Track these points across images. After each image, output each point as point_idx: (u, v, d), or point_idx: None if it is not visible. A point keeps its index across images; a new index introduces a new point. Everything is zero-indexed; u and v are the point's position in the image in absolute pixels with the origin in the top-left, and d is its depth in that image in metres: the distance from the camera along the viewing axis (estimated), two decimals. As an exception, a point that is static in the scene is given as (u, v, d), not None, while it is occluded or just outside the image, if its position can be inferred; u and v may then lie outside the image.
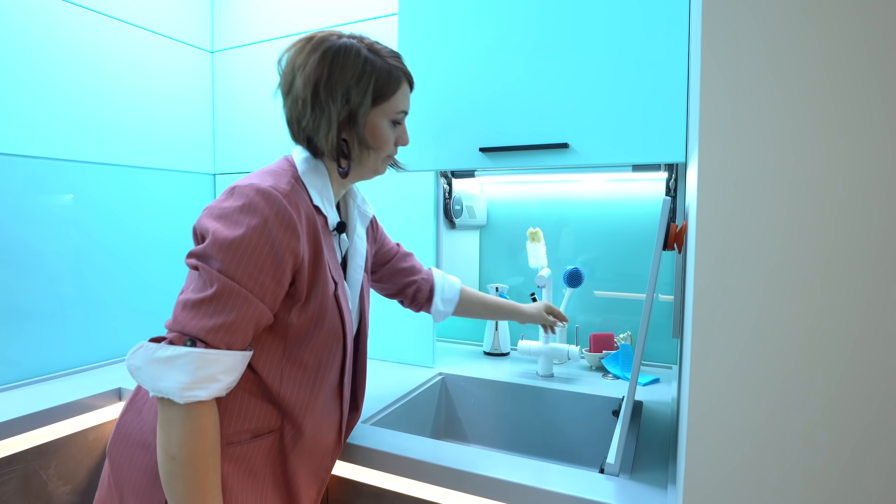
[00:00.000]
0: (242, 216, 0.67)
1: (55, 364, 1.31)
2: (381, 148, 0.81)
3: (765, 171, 0.44)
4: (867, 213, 0.41)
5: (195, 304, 0.65)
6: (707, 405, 0.47)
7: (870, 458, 0.42)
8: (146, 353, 0.64)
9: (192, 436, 0.64)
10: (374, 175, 0.85)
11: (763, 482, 0.45)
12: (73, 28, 1.33)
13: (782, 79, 0.43)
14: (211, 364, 0.64)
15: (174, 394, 0.63)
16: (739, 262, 0.45)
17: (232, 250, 0.66)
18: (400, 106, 0.81)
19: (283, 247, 0.69)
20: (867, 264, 0.41)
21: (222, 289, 0.65)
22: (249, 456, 0.74)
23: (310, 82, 0.74)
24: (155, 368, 0.63)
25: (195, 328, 0.65)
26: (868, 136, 0.40)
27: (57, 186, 1.31)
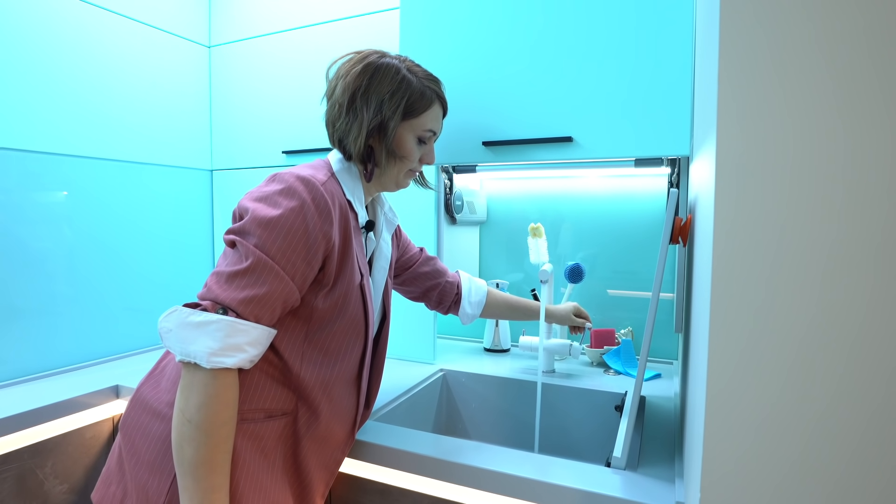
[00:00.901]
0: (281, 198, 0.72)
1: (50, 362, 1.29)
2: (405, 159, 0.85)
3: (782, 162, 0.43)
4: (888, 202, 0.41)
5: (230, 275, 0.69)
6: (725, 395, 0.47)
7: (884, 437, 0.42)
8: (179, 316, 0.67)
9: (212, 401, 0.66)
10: (397, 187, 0.90)
11: (780, 472, 0.45)
12: (68, 21, 1.31)
13: (800, 68, 0.42)
14: (240, 333, 0.67)
15: (202, 358, 0.65)
16: (756, 250, 0.45)
17: (269, 228, 0.70)
18: (428, 125, 0.86)
19: (317, 230, 0.72)
20: (887, 253, 0.41)
21: (256, 262, 0.69)
22: (262, 435, 0.75)
23: (348, 90, 0.81)
24: (186, 332, 0.66)
25: (228, 297, 0.67)
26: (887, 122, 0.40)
27: (51, 182, 1.29)
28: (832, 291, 0.43)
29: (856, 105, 0.41)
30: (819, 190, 0.43)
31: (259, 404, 0.76)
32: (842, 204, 0.42)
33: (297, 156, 1.48)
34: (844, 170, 0.42)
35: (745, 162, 0.45)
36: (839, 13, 0.41)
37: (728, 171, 0.46)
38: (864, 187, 0.41)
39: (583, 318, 1.25)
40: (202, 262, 1.72)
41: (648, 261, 1.43)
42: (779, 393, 0.45)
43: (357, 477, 0.93)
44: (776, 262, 0.44)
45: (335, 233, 0.75)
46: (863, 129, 0.41)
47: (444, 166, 1.35)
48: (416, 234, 1.34)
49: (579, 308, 1.25)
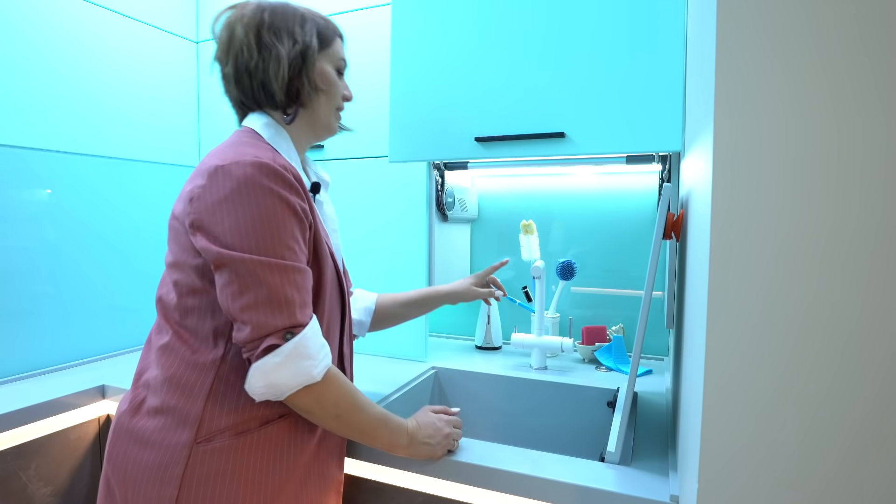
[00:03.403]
0: (246, 195, 0.66)
1: (33, 362, 1.26)
2: (330, 90, 0.81)
3: (779, 155, 0.44)
4: (884, 196, 0.41)
5: (263, 302, 0.65)
6: (722, 387, 0.47)
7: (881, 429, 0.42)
8: (262, 370, 0.65)
9: (341, 391, 0.71)
10: (328, 132, 0.86)
11: (777, 462, 0.45)
12: (52, 15, 1.28)
13: (797, 62, 0.43)
14: (314, 337, 0.68)
15: (315, 376, 0.67)
16: (753, 243, 0.45)
17: (257, 234, 0.66)
18: (341, 53, 0.84)
19: (297, 206, 0.70)
20: (877, 243, 0.41)
21: (276, 276, 0.66)
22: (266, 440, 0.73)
23: (251, 28, 0.76)
24: (281, 375, 0.66)
25: (284, 322, 0.66)
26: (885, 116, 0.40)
27: (34, 179, 1.26)
28: (829, 284, 0.43)
29: (852, 97, 0.42)
30: (816, 182, 0.43)
31: (252, 412, 0.72)
32: (838, 196, 0.42)
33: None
34: (841, 162, 0.42)
35: (742, 154, 0.45)
36: (836, 5, 0.42)
37: (725, 164, 0.46)
38: (861, 179, 0.42)
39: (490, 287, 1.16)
40: (190, 260, 1.69)
41: (639, 258, 1.43)
42: (776, 385, 0.45)
43: (351, 475, 0.92)
44: (773, 255, 0.44)
45: (306, 204, 0.72)
46: (859, 121, 0.41)
47: (436, 163, 1.35)
48: (407, 231, 1.34)
49: (483, 277, 1.15)
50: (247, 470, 0.70)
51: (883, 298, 0.41)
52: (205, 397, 0.70)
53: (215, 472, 0.68)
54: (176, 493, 0.67)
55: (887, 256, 0.41)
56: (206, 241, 0.66)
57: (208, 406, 0.70)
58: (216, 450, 0.69)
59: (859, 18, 0.41)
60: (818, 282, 0.43)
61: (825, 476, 0.44)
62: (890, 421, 0.42)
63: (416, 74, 1.13)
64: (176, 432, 0.69)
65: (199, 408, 0.69)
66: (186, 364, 0.71)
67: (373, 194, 1.38)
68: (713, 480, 0.48)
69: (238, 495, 0.69)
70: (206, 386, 0.70)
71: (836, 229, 0.42)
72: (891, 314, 0.41)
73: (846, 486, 0.43)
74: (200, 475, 0.68)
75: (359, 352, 1.43)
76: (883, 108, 0.41)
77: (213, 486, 0.68)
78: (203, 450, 0.68)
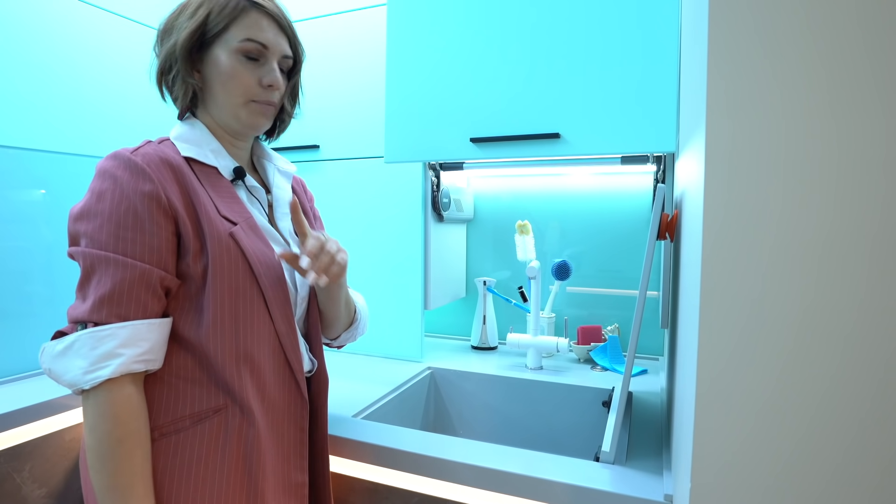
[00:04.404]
0: (94, 185, 0.68)
1: (27, 364, 1.26)
2: (230, 82, 0.74)
3: (771, 156, 0.44)
4: (871, 196, 0.41)
5: (77, 290, 0.65)
6: (714, 386, 0.47)
7: (875, 435, 0.42)
8: (48, 352, 0.64)
9: (99, 421, 0.62)
10: (242, 125, 0.77)
11: (770, 461, 0.45)
12: (41, 12, 1.27)
13: (787, 63, 0.43)
14: (105, 340, 0.62)
15: (79, 381, 0.62)
16: (746, 244, 0.45)
17: (88, 219, 0.65)
18: (244, 34, 0.73)
19: (137, 195, 0.66)
20: (869, 244, 0.41)
21: (90, 262, 0.64)
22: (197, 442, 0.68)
23: (158, 33, 0.78)
24: (58, 363, 0.63)
25: (80, 312, 0.63)
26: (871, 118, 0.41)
27: (27, 179, 1.26)
28: (821, 285, 0.43)
29: (844, 99, 0.42)
30: (807, 183, 0.43)
31: (181, 411, 0.68)
32: (830, 197, 0.42)
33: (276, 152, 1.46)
34: (832, 163, 0.42)
35: (734, 155, 0.45)
36: (825, 8, 0.42)
37: (717, 165, 0.46)
38: (852, 181, 0.42)
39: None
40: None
41: (634, 258, 1.44)
42: (768, 385, 0.45)
43: (345, 476, 0.92)
44: (765, 255, 0.45)
45: (162, 190, 0.67)
46: (851, 122, 0.42)
47: (432, 164, 1.35)
48: (403, 232, 1.34)
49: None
50: (178, 473, 0.66)
51: (875, 299, 0.42)
52: None
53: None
54: None
55: (879, 257, 0.41)
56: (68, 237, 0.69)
57: None
58: None
59: (848, 21, 0.41)
60: (809, 283, 0.43)
61: (818, 476, 0.44)
62: (884, 420, 0.42)
63: (412, 75, 1.13)
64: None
65: None
66: None
67: (368, 195, 1.38)
68: (706, 479, 0.48)
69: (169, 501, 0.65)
70: None
71: (827, 230, 0.43)
72: (884, 315, 0.42)
73: (839, 486, 0.44)
74: None
75: (354, 352, 1.43)
76: (875, 109, 0.41)
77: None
78: None
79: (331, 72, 1.40)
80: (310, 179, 1.44)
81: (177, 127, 0.79)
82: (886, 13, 0.40)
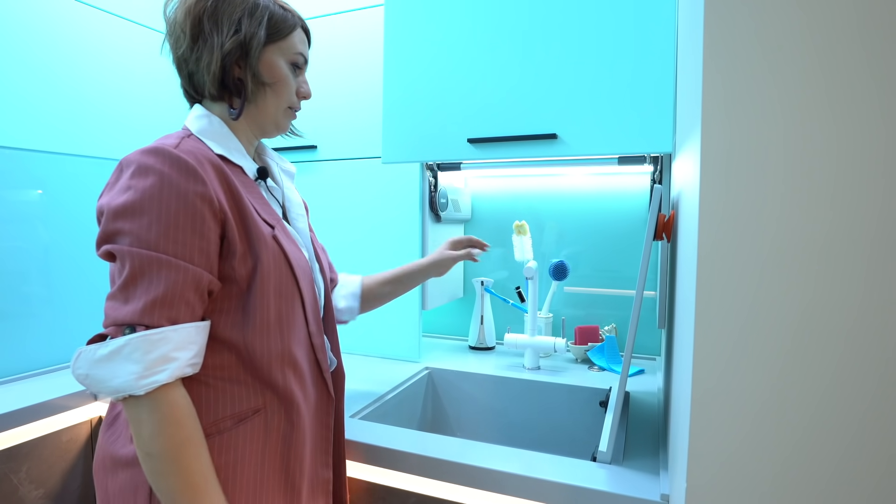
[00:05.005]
0: (135, 181, 0.62)
1: (24, 364, 1.26)
2: (279, 87, 0.76)
3: (766, 156, 0.44)
4: (866, 197, 0.41)
5: (120, 290, 0.61)
6: (710, 386, 0.47)
7: (871, 435, 0.42)
8: (87, 357, 0.60)
9: (163, 426, 0.60)
10: (276, 129, 0.80)
11: (766, 462, 0.46)
12: (40, 13, 1.27)
13: (782, 63, 0.43)
14: (159, 345, 0.60)
15: (132, 387, 0.59)
16: (741, 245, 0.45)
17: (134, 217, 0.61)
18: (298, 47, 0.77)
19: (192, 195, 0.63)
20: (865, 247, 0.42)
21: (140, 263, 0.60)
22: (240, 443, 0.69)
23: (191, 13, 0.71)
24: (102, 369, 0.59)
25: (127, 314, 0.60)
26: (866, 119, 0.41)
27: (24, 179, 1.25)
28: (817, 285, 0.43)
29: (840, 100, 0.42)
30: (802, 185, 0.43)
31: (222, 412, 0.68)
32: (824, 198, 0.43)
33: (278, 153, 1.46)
34: (830, 163, 0.42)
35: (729, 156, 0.45)
36: (820, 11, 0.42)
37: (712, 166, 0.46)
38: (847, 181, 0.42)
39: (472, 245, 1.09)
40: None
41: (632, 258, 1.44)
42: (764, 386, 0.45)
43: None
44: (760, 256, 0.45)
45: (214, 192, 0.66)
46: (846, 123, 0.42)
47: (429, 164, 1.35)
48: (400, 232, 1.34)
49: (457, 242, 1.08)
50: (223, 474, 0.67)
51: (871, 299, 0.42)
52: None
53: None
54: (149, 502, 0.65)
55: (876, 257, 0.42)
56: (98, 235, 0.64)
57: None
58: None
59: (841, 23, 0.42)
60: (805, 283, 0.44)
61: (814, 478, 0.44)
62: (883, 422, 0.42)
63: (410, 76, 1.13)
64: None
65: None
66: None
67: (366, 195, 1.38)
68: (702, 480, 0.48)
69: None
70: None
71: (821, 231, 0.43)
72: (881, 315, 0.42)
73: (836, 488, 0.44)
74: None
75: (351, 352, 1.43)
76: (872, 108, 0.41)
77: None
78: None
79: (328, 72, 1.40)
80: (307, 180, 1.44)
81: (193, 120, 0.74)
82: (884, 11, 0.40)
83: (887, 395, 0.42)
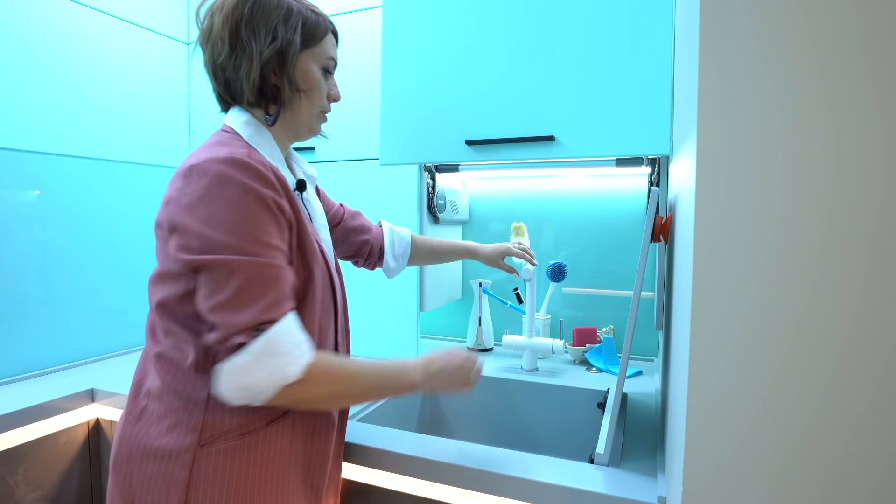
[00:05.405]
0: (218, 191, 0.64)
1: (21, 365, 1.25)
2: (313, 91, 0.78)
3: (762, 159, 0.44)
4: (863, 200, 0.41)
5: (231, 299, 0.63)
6: (706, 390, 0.47)
7: (867, 441, 0.43)
8: (232, 371, 0.62)
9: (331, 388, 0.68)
10: (310, 133, 0.83)
11: (763, 466, 0.46)
12: (40, 15, 1.27)
13: (779, 67, 0.43)
14: (291, 332, 0.65)
15: (287, 377, 0.63)
16: (738, 248, 0.45)
17: (227, 229, 0.63)
18: (330, 52, 0.79)
19: (272, 202, 0.67)
20: (863, 250, 0.42)
21: (248, 271, 0.63)
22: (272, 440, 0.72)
23: (228, 21, 0.72)
24: (252, 375, 0.62)
25: (250, 318, 0.62)
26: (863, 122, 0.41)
27: (22, 180, 1.25)
28: (812, 289, 0.43)
29: (835, 104, 0.42)
30: (798, 188, 0.43)
31: (257, 410, 0.70)
32: (820, 201, 0.43)
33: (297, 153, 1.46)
34: (826, 167, 0.42)
35: (725, 158, 0.45)
36: (815, 14, 0.42)
37: (708, 168, 0.46)
38: (844, 185, 0.42)
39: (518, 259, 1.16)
40: (180, 262, 1.68)
41: (630, 259, 1.44)
42: (759, 390, 0.45)
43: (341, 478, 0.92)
44: (756, 259, 0.45)
45: (284, 202, 0.69)
46: (842, 126, 0.42)
47: (427, 165, 1.35)
48: (399, 233, 1.34)
49: (512, 250, 1.15)
50: (254, 470, 0.70)
51: (867, 303, 0.42)
52: (205, 402, 0.69)
53: (221, 473, 0.68)
54: (184, 497, 0.67)
55: (874, 261, 0.42)
56: (179, 245, 0.65)
57: (209, 410, 0.69)
58: (221, 452, 0.68)
59: (837, 26, 0.42)
60: (801, 287, 0.44)
61: (810, 483, 0.44)
62: (880, 428, 0.42)
63: (407, 78, 1.13)
64: (179, 437, 0.68)
65: (200, 412, 0.69)
66: (184, 371, 0.70)
67: (364, 196, 1.37)
68: (698, 484, 0.48)
69: (251, 494, 0.69)
70: (205, 390, 0.69)
71: (818, 234, 0.43)
72: (879, 320, 0.42)
73: (832, 494, 0.44)
74: (207, 477, 0.68)
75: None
76: (871, 110, 0.41)
77: (221, 487, 0.68)
78: (208, 452, 0.68)
79: (326, 74, 1.40)
80: (305, 181, 1.44)
81: (241, 126, 0.75)
82: (884, 13, 0.40)
83: (885, 396, 0.42)
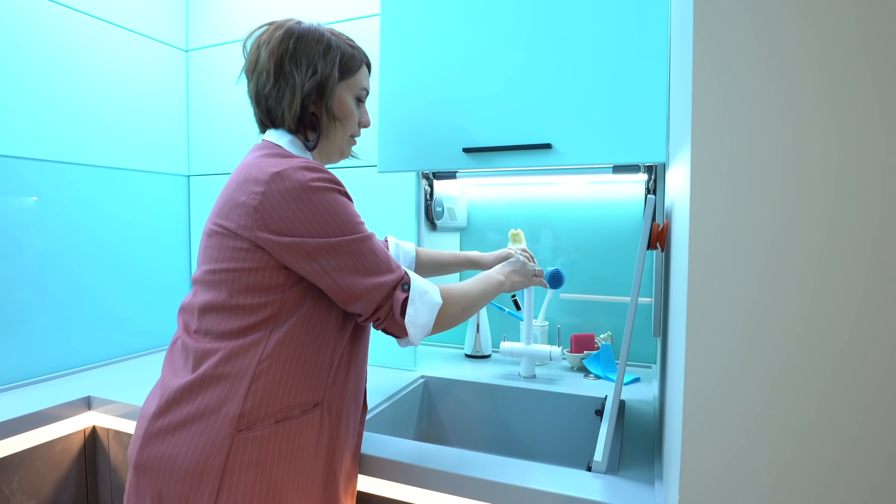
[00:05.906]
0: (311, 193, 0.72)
1: (17, 373, 1.25)
2: (347, 120, 0.86)
3: (757, 166, 0.44)
4: (861, 206, 0.42)
5: (373, 269, 0.74)
6: (702, 398, 0.47)
7: (864, 450, 0.43)
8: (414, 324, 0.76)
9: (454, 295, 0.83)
10: (340, 156, 0.91)
11: (759, 475, 0.46)
12: (39, 22, 1.28)
13: (774, 73, 0.44)
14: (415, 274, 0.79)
15: (438, 303, 0.79)
16: (733, 256, 0.46)
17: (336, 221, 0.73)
18: (363, 83, 0.88)
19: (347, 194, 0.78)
20: (861, 256, 0.42)
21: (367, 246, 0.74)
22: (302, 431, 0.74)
23: (274, 55, 0.80)
24: (423, 316, 0.77)
25: (395, 276, 0.75)
26: (860, 128, 0.41)
27: (19, 186, 1.25)
28: (810, 296, 0.43)
29: (831, 109, 0.42)
30: (793, 195, 0.43)
31: (292, 399, 0.74)
32: (815, 209, 0.43)
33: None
34: (823, 173, 0.43)
35: (720, 165, 0.46)
36: (810, 20, 0.43)
37: (703, 175, 0.47)
38: (838, 192, 0.42)
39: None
40: (178, 269, 1.68)
41: (627, 266, 1.44)
42: (754, 395, 0.46)
43: (337, 486, 0.91)
44: (752, 266, 0.45)
45: None
46: (838, 134, 0.42)
47: (425, 173, 1.35)
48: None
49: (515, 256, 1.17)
50: (287, 457, 0.72)
51: (863, 313, 0.42)
52: (246, 387, 0.71)
53: (257, 459, 0.70)
54: (218, 483, 0.68)
55: (867, 270, 0.42)
56: (294, 240, 0.71)
57: (250, 395, 0.71)
58: (257, 437, 0.70)
59: (832, 33, 0.42)
60: (796, 295, 0.44)
61: (808, 491, 0.44)
62: (878, 435, 0.42)
63: (405, 85, 1.13)
64: (217, 422, 0.70)
65: (241, 397, 0.70)
66: (227, 357, 0.72)
67: (362, 203, 1.37)
68: (694, 492, 0.48)
69: (279, 482, 0.71)
70: (247, 377, 0.71)
71: (814, 240, 0.43)
72: (877, 327, 0.42)
73: (828, 500, 0.44)
74: (242, 463, 0.69)
75: (348, 361, 1.42)
76: (870, 113, 0.41)
77: (255, 473, 0.70)
78: (245, 437, 0.70)
79: (325, 81, 1.41)
80: (304, 188, 1.44)
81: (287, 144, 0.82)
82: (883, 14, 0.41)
83: (884, 404, 0.42)
